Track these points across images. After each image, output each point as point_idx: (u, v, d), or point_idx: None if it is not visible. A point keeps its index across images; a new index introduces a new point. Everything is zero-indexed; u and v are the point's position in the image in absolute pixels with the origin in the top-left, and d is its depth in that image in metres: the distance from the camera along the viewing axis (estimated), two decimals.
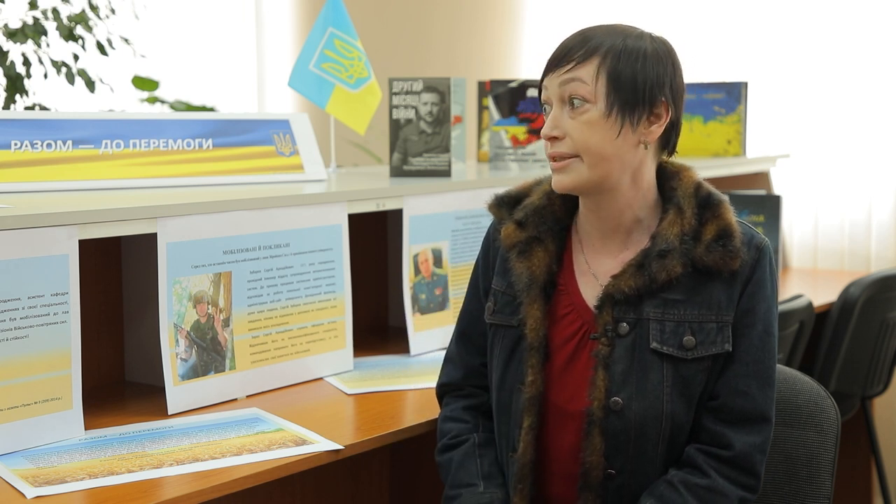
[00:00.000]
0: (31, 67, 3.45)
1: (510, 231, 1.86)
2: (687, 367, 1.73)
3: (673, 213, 1.77)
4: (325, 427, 2.01)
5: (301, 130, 2.63)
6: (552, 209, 1.86)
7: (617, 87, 1.72)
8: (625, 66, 1.73)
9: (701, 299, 1.74)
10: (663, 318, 1.74)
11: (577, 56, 1.74)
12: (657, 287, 1.74)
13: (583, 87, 1.73)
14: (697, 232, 1.75)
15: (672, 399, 1.72)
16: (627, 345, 1.74)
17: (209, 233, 2.14)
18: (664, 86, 1.76)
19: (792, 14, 3.98)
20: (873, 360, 3.26)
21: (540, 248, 1.83)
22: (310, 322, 2.35)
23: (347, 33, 2.82)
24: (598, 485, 1.74)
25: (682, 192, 1.78)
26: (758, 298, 1.75)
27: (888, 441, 3.81)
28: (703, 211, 1.77)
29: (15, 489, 1.69)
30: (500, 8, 4.83)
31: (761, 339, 1.75)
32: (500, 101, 2.99)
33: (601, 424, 1.73)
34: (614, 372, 1.74)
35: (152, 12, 4.49)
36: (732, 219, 1.77)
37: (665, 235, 1.75)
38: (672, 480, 1.72)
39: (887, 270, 3.24)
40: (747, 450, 1.72)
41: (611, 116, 1.72)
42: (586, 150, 1.73)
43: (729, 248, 1.73)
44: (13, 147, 2.22)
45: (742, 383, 1.74)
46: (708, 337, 1.73)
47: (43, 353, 1.88)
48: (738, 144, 3.63)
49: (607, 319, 1.76)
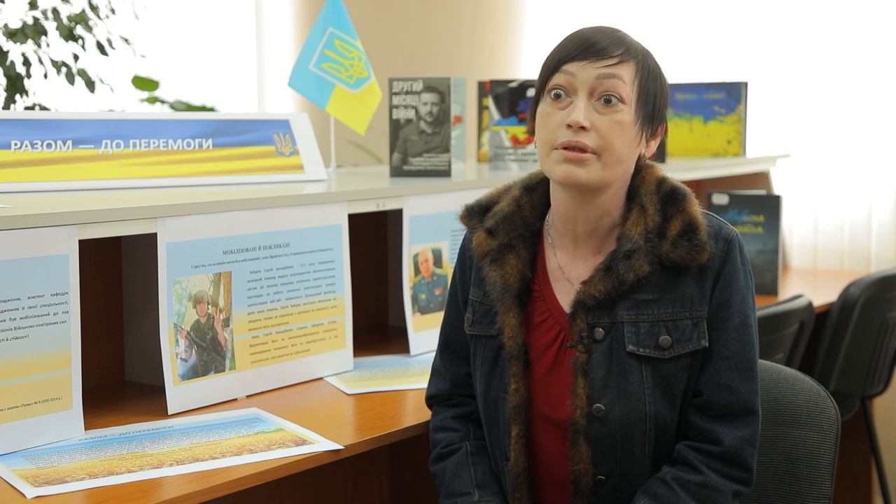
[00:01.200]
0: (31, 67, 3.45)
1: (481, 240, 1.84)
2: (666, 367, 1.72)
3: (636, 212, 1.75)
4: (325, 427, 2.01)
5: (301, 130, 2.63)
6: (521, 214, 1.84)
7: (645, 97, 1.74)
8: (653, 80, 1.76)
9: (673, 297, 1.73)
10: (637, 320, 1.73)
11: (618, 53, 1.71)
12: (627, 288, 1.73)
13: (622, 86, 1.71)
14: (662, 228, 1.74)
15: (654, 400, 1.72)
16: (604, 350, 1.73)
17: (209, 233, 2.14)
18: (664, 107, 1.80)
19: (792, 14, 3.98)
20: (873, 360, 3.26)
21: (512, 254, 1.82)
22: (310, 322, 2.35)
23: (347, 33, 2.82)
24: (589, 491, 1.74)
25: (644, 189, 1.77)
26: (731, 291, 1.74)
27: (888, 441, 3.81)
28: (666, 206, 1.76)
29: (15, 489, 1.69)
30: (500, 8, 4.83)
31: (739, 331, 1.74)
32: (500, 101, 2.99)
33: (585, 432, 1.72)
34: (594, 378, 1.73)
35: (152, 12, 4.49)
36: (697, 212, 1.75)
37: (629, 235, 1.74)
38: (665, 478, 1.72)
39: (887, 270, 3.24)
40: (737, 444, 1.72)
41: (636, 123, 1.73)
42: (609, 148, 1.71)
43: (695, 242, 1.72)
44: (13, 147, 2.22)
45: (725, 378, 1.73)
46: (684, 334, 1.73)
47: (43, 353, 1.88)
48: (738, 144, 3.63)
49: (582, 326, 1.74)
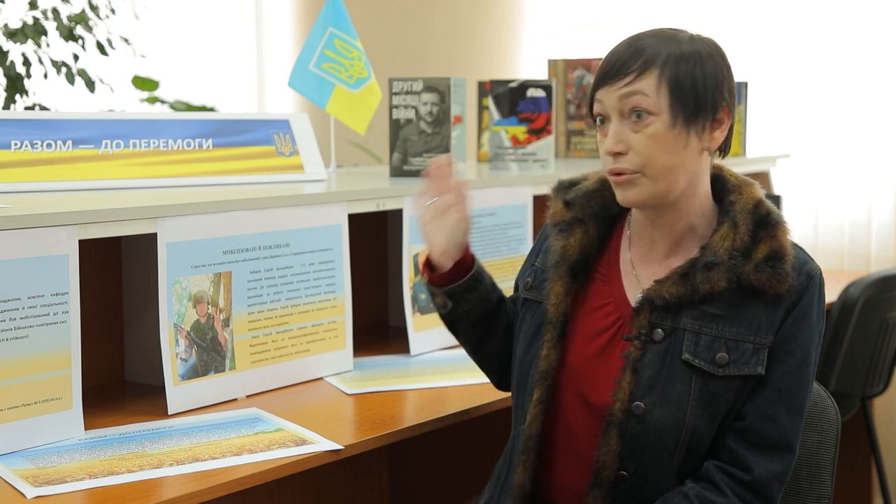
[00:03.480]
0: (31, 67, 3.45)
1: (557, 209, 1.87)
2: (716, 384, 1.70)
3: (727, 227, 1.73)
4: (325, 427, 2.01)
5: (301, 130, 2.63)
6: (602, 194, 1.84)
7: (680, 96, 1.69)
8: (685, 73, 1.69)
9: (741, 318, 1.71)
10: (700, 331, 1.71)
11: (635, 68, 1.70)
12: (698, 298, 1.71)
13: (645, 99, 1.68)
14: (749, 249, 1.71)
15: (696, 412, 1.70)
16: (659, 351, 1.72)
17: (209, 233, 2.14)
18: (723, 89, 1.73)
19: (792, 14, 3.98)
20: (873, 360, 3.26)
21: (580, 229, 1.83)
22: (310, 322, 2.35)
23: (347, 33, 2.82)
24: (609, 484, 1.73)
25: (740, 206, 1.74)
26: (800, 326, 1.72)
27: (888, 441, 3.81)
28: (758, 229, 1.73)
29: (15, 489, 1.69)
30: (500, 8, 4.83)
31: (798, 367, 1.72)
32: (500, 101, 2.98)
33: (620, 426, 1.71)
34: (642, 376, 1.72)
35: (152, 12, 4.49)
36: (788, 242, 1.73)
37: (715, 248, 1.71)
38: (688, 493, 1.70)
39: (887, 270, 3.24)
40: (767, 476, 1.70)
41: (675, 127, 1.69)
42: (651, 164, 1.70)
43: (778, 270, 1.70)
44: (13, 147, 2.22)
45: (772, 409, 1.71)
46: (742, 357, 1.70)
47: (43, 353, 1.88)
48: (738, 144, 3.63)
49: (643, 323, 1.73)
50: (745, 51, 4.05)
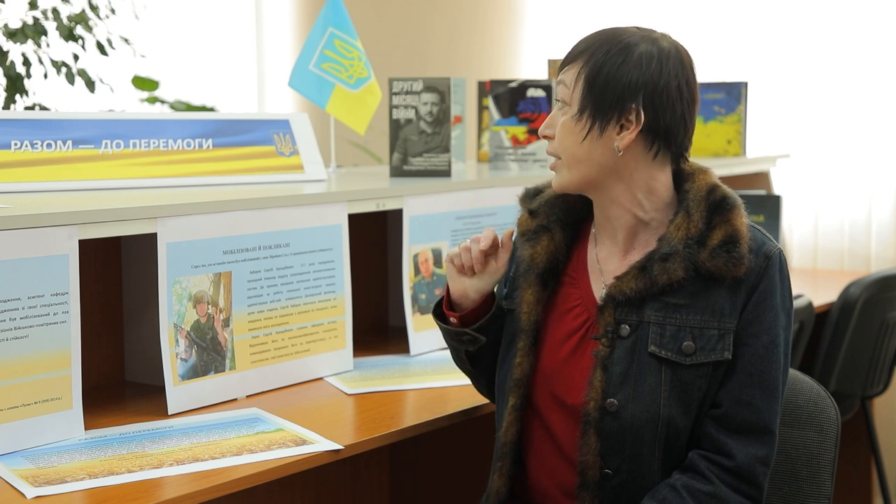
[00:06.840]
0: (31, 67, 3.45)
1: (523, 219, 1.90)
2: (685, 373, 1.72)
3: (681, 217, 1.75)
4: (325, 427, 2.01)
5: (301, 130, 2.63)
6: (565, 199, 1.87)
7: (589, 91, 1.74)
8: (601, 70, 1.73)
9: (704, 305, 1.73)
10: (664, 322, 1.73)
11: (568, 60, 1.78)
12: (658, 290, 1.73)
13: (564, 90, 1.77)
14: (704, 236, 1.73)
15: (669, 403, 1.72)
16: (627, 347, 1.74)
17: (209, 233, 2.14)
18: (637, 93, 1.72)
19: (792, 14, 3.98)
20: (873, 360, 3.26)
21: (546, 236, 1.85)
22: (310, 322, 2.35)
23: (347, 33, 2.82)
24: (596, 485, 1.74)
25: (693, 194, 1.76)
26: (764, 308, 1.73)
27: (888, 441, 3.81)
28: (713, 215, 1.74)
29: (15, 489, 1.69)
30: (500, 8, 4.83)
31: (767, 349, 1.73)
32: (500, 101, 2.99)
33: (596, 424, 1.73)
34: (612, 373, 1.74)
35: (152, 12, 4.49)
36: (743, 224, 1.74)
37: (670, 238, 1.74)
38: (675, 485, 1.71)
39: (887, 270, 3.24)
40: (749, 461, 1.71)
41: (581, 120, 1.74)
42: (562, 150, 1.78)
43: (733, 254, 1.71)
44: (13, 147, 2.22)
45: (746, 394, 1.72)
46: (708, 343, 1.72)
47: (43, 353, 1.88)
48: (738, 144, 3.63)
49: (609, 320, 1.76)
50: (745, 51, 4.05)
